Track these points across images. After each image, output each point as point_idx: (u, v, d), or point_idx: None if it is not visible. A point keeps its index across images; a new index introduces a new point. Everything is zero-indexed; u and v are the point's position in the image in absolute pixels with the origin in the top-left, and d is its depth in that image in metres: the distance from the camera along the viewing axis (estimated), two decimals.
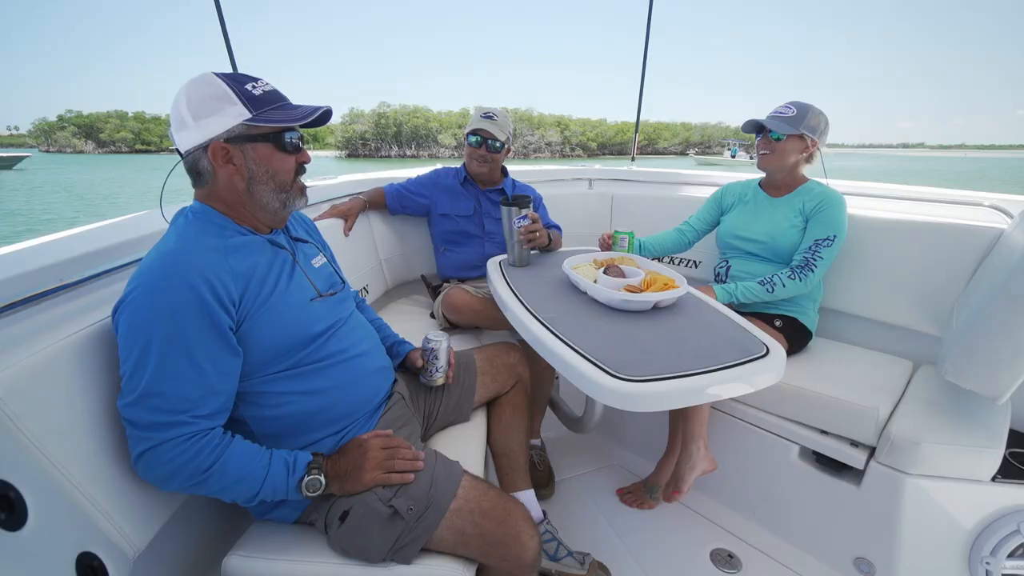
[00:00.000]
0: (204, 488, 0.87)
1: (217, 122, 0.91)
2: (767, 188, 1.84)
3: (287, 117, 0.95)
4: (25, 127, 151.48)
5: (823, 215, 1.65)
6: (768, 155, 1.71)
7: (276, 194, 0.99)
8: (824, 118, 1.67)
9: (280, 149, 0.97)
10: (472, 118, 2.03)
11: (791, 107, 1.67)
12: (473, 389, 1.40)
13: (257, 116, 0.92)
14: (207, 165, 0.94)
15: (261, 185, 0.97)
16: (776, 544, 1.60)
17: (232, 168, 0.94)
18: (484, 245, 2.08)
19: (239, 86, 0.93)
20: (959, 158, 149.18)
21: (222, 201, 0.98)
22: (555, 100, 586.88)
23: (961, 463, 1.27)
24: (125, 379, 0.83)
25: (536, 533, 1.03)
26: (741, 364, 1.13)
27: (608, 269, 1.54)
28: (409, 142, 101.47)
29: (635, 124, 3.36)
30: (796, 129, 1.64)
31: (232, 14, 2.01)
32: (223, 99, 0.91)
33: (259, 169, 0.96)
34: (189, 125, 0.91)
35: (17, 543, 0.67)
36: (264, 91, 0.95)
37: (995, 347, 1.19)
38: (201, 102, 0.91)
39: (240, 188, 0.96)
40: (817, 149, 1.70)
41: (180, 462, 0.83)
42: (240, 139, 0.93)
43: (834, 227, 1.64)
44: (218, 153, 0.92)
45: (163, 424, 0.82)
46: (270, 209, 1.00)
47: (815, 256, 1.63)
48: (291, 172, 1.00)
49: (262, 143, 0.95)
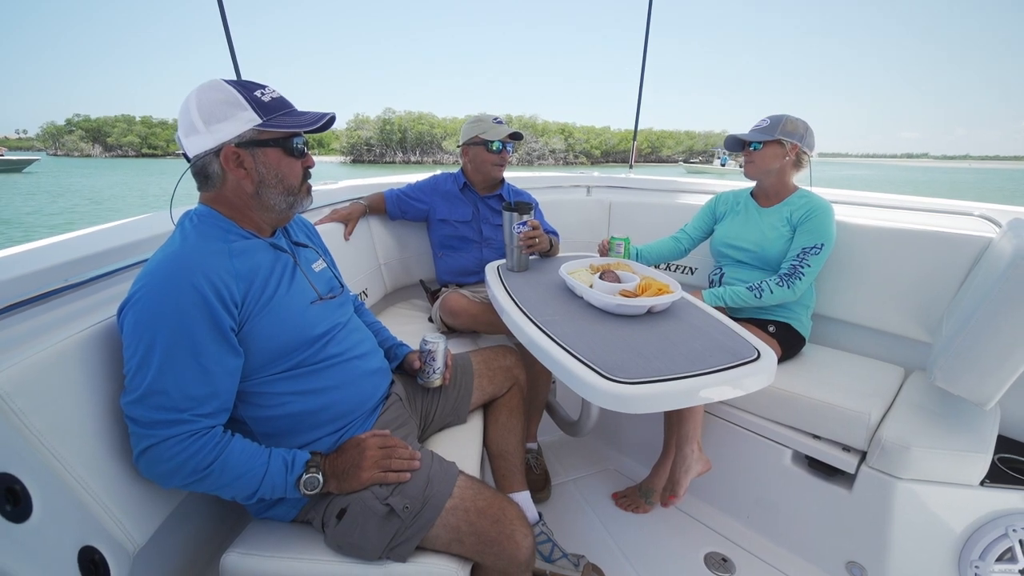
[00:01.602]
0: (204, 485, 0.89)
1: (229, 127, 0.93)
2: (758, 198, 1.89)
3: (296, 123, 0.98)
4: (33, 130, 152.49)
5: (811, 223, 1.69)
6: (751, 164, 1.78)
7: (284, 197, 1.02)
8: (802, 124, 1.71)
9: (288, 154, 1.00)
10: (476, 126, 2.02)
11: (765, 120, 1.75)
12: (470, 392, 1.42)
13: (267, 122, 0.95)
14: (217, 169, 0.97)
15: (270, 189, 1.00)
16: (769, 548, 1.61)
17: (243, 172, 0.97)
18: (482, 250, 2.10)
19: (249, 93, 0.95)
20: (962, 169, 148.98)
21: (228, 204, 1.00)
22: (559, 107, 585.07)
23: (951, 468, 1.28)
24: (129, 377, 0.86)
25: (530, 532, 1.05)
26: (732, 368, 1.15)
27: (604, 274, 1.56)
28: (414, 148, 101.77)
29: (634, 130, 3.39)
30: (772, 135, 1.70)
31: (236, 18, 2.04)
32: (235, 105, 0.94)
33: (268, 173, 0.98)
34: (200, 130, 0.93)
35: (23, 535, 0.69)
36: (272, 98, 0.98)
37: (981, 354, 1.21)
38: (212, 107, 0.93)
39: (248, 191, 0.99)
40: (804, 154, 1.74)
41: (181, 459, 0.85)
42: (251, 144, 0.95)
43: (822, 235, 1.67)
44: (230, 158, 0.95)
45: (165, 422, 0.85)
46: (277, 210, 1.03)
47: (803, 264, 1.67)
48: (299, 176, 1.03)
49: (272, 148, 0.98)
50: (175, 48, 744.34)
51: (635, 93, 3.37)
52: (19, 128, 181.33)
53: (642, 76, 3.14)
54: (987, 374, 1.20)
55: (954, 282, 1.62)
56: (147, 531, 0.93)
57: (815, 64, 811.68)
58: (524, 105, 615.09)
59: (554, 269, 1.67)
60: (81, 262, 1.07)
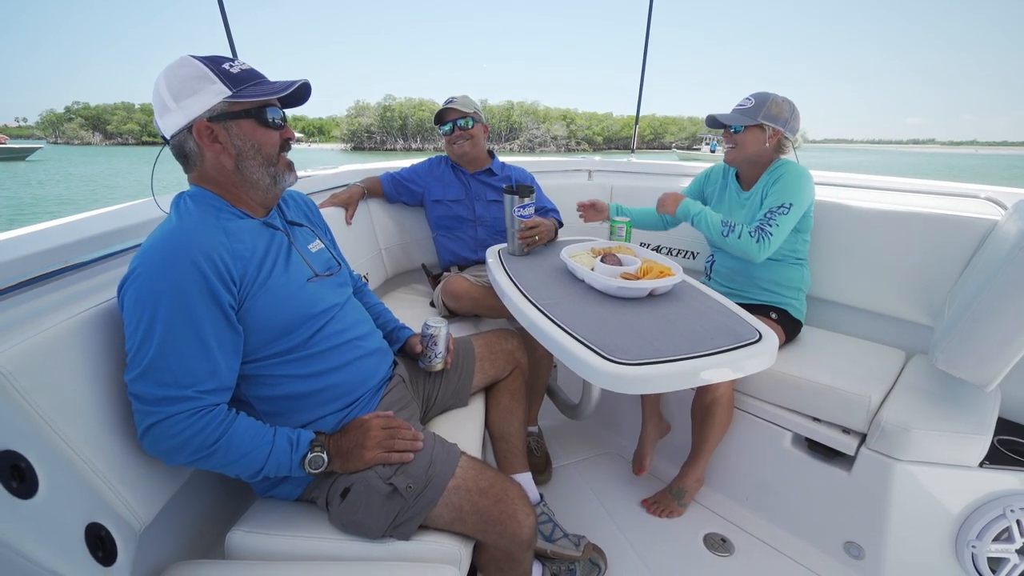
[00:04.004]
0: (209, 463, 0.90)
1: (198, 101, 0.92)
2: (741, 180, 1.81)
3: (266, 91, 0.97)
4: (33, 118, 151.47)
5: (777, 185, 1.60)
6: (731, 149, 1.68)
7: (264, 168, 1.01)
8: (788, 106, 1.61)
9: (263, 124, 0.99)
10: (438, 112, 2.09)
11: (750, 99, 1.63)
12: (472, 375, 1.43)
13: (237, 93, 0.94)
14: (193, 146, 0.96)
15: (249, 160, 0.98)
16: (768, 529, 1.62)
17: (219, 147, 0.96)
18: (476, 229, 2.11)
19: (216, 66, 0.94)
20: (969, 155, 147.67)
21: (214, 182, 1.00)
22: (561, 93, 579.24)
23: (950, 449, 1.29)
24: (131, 354, 0.86)
25: (532, 512, 1.06)
26: (734, 349, 1.15)
27: (605, 257, 1.56)
28: (415, 135, 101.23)
29: (635, 115, 3.37)
30: (754, 119, 1.60)
31: (235, 4, 2.02)
32: (202, 78, 0.92)
33: (245, 145, 0.97)
34: (171, 108, 0.93)
35: (30, 510, 0.70)
36: (241, 69, 0.97)
37: (984, 336, 1.21)
38: (181, 83, 0.92)
39: (229, 167, 0.98)
40: (786, 140, 1.65)
41: (186, 436, 0.86)
42: (223, 117, 0.94)
43: (789, 195, 1.57)
44: (203, 132, 0.94)
45: (169, 398, 0.85)
46: (261, 186, 1.02)
47: (769, 223, 1.56)
48: (275, 146, 1.02)
49: (245, 119, 0.96)
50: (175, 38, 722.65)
51: (638, 80, 3.34)
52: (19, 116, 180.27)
53: (644, 60, 3.11)
54: (989, 356, 1.20)
55: (958, 265, 1.61)
56: (153, 509, 0.94)
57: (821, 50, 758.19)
58: (525, 91, 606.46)
59: (555, 253, 1.67)
60: (82, 244, 1.07)
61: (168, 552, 1.10)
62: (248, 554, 1.00)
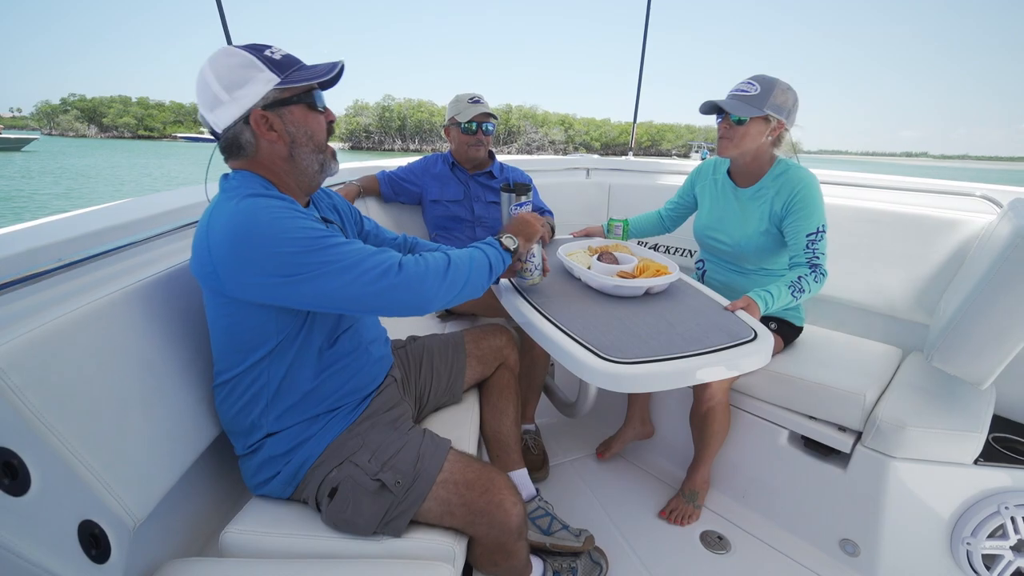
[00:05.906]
0: (454, 283, 1.02)
1: (251, 91, 0.91)
2: (734, 175, 1.67)
3: (311, 75, 0.96)
4: (28, 109, 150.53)
5: (802, 211, 1.47)
6: (728, 141, 1.49)
7: (315, 155, 1.01)
8: (792, 95, 1.46)
9: (311, 109, 0.99)
10: (453, 106, 2.04)
11: (754, 84, 1.44)
12: (463, 370, 1.43)
13: (285, 78, 0.93)
14: (250, 136, 0.95)
15: (302, 148, 0.99)
16: (764, 526, 1.63)
17: (274, 135, 0.95)
18: (475, 229, 2.09)
19: (259, 53, 0.93)
20: (960, 168, 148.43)
21: (264, 169, 0.99)
22: (560, 98, 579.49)
23: (945, 447, 1.30)
24: (329, 263, 0.89)
25: (519, 500, 1.06)
26: (729, 348, 1.15)
27: (602, 256, 1.56)
28: (413, 136, 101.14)
29: (632, 118, 3.37)
30: (760, 110, 1.43)
31: (232, 2, 2.02)
32: (250, 67, 0.92)
33: (298, 132, 0.97)
34: (224, 100, 0.91)
35: (22, 508, 0.70)
36: (282, 55, 0.96)
37: (978, 334, 1.21)
38: (231, 73, 0.91)
39: (283, 154, 0.98)
40: (786, 131, 1.52)
41: (423, 267, 0.97)
42: (275, 104, 0.94)
43: (817, 216, 1.47)
44: (260, 121, 0.93)
45: (388, 258, 0.94)
46: (309, 172, 1.02)
47: (816, 256, 1.46)
48: (324, 131, 1.02)
49: (295, 105, 0.96)
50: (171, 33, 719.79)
51: (635, 86, 3.35)
52: (13, 107, 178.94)
53: (642, 63, 3.12)
54: (984, 354, 1.20)
55: (953, 264, 1.62)
56: (147, 507, 0.94)
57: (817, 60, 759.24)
58: (524, 95, 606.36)
59: (552, 251, 1.67)
60: (75, 241, 1.06)
61: (162, 550, 1.09)
62: (242, 552, 1.00)
